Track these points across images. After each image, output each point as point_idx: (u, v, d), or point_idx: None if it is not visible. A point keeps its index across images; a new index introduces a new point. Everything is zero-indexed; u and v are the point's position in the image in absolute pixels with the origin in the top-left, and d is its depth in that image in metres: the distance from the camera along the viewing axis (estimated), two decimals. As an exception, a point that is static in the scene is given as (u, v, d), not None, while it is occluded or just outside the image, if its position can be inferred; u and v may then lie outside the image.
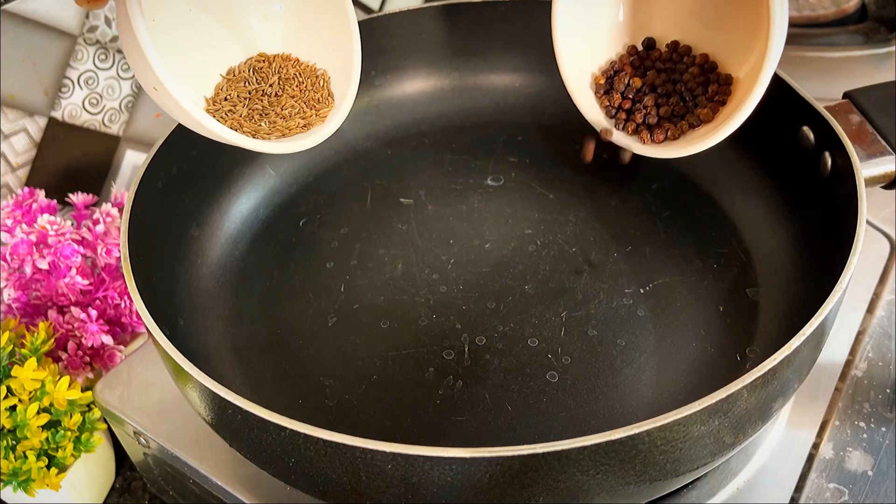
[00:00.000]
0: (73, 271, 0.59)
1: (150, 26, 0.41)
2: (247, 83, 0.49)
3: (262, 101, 0.48)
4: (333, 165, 0.66)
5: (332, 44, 0.50)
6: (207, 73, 0.50)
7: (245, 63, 0.50)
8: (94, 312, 0.58)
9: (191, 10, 0.48)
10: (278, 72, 0.49)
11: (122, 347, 0.60)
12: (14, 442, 0.53)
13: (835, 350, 0.57)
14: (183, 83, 0.43)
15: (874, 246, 0.63)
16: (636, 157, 0.65)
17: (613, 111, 0.56)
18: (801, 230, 0.56)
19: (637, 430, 0.37)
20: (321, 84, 0.50)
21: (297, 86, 0.49)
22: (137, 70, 0.42)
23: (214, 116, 0.47)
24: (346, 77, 0.50)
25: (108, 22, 0.68)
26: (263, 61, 0.50)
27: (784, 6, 0.46)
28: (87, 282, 0.59)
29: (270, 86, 0.49)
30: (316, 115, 0.49)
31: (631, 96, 0.56)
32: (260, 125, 0.48)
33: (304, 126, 0.49)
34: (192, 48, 0.49)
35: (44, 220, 0.60)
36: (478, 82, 0.70)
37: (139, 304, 0.45)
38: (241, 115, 0.48)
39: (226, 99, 0.49)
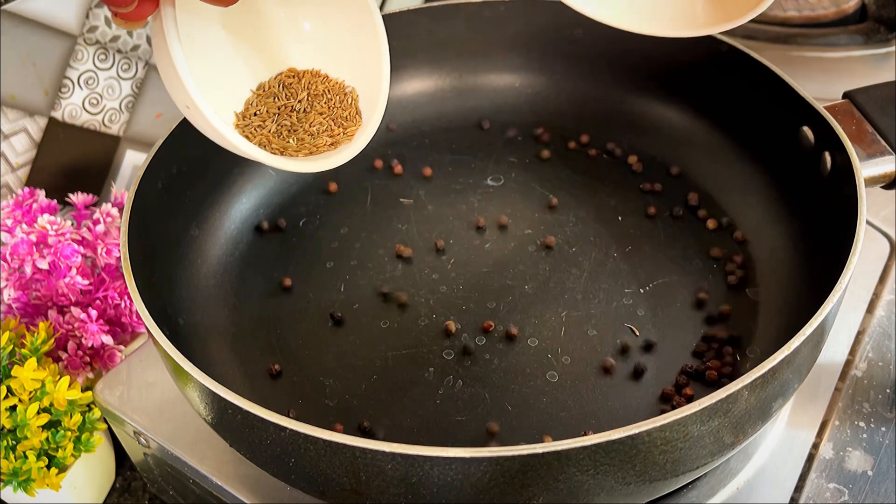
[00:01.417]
0: (73, 271, 0.59)
1: (185, 44, 0.41)
2: (276, 98, 0.49)
3: (290, 116, 0.49)
4: (333, 165, 0.66)
5: (362, 62, 0.50)
6: (238, 88, 0.50)
7: (275, 78, 0.50)
8: (94, 312, 0.58)
9: (223, 28, 0.49)
10: (307, 87, 0.50)
11: (122, 347, 0.60)
12: (14, 442, 0.53)
13: (835, 350, 0.57)
14: (214, 100, 0.43)
15: (874, 246, 0.63)
16: (639, 159, 0.65)
17: None
18: (801, 230, 0.56)
19: (637, 430, 0.37)
20: (349, 102, 0.50)
21: (325, 102, 0.49)
22: (170, 88, 0.43)
23: (244, 132, 0.48)
24: (374, 96, 0.50)
25: (108, 22, 0.68)
26: (293, 77, 0.50)
27: None
28: (87, 282, 0.59)
29: (299, 101, 0.49)
30: (343, 134, 0.49)
31: None
32: (288, 142, 0.48)
33: (332, 144, 0.49)
34: (224, 64, 0.49)
35: (44, 220, 0.60)
36: (478, 82, 0.70)
37: (139, 304, 0.45)
38: (269, 131, 0.48)
39: (255, 114, 0.49)
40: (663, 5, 0.55)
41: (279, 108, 0.49)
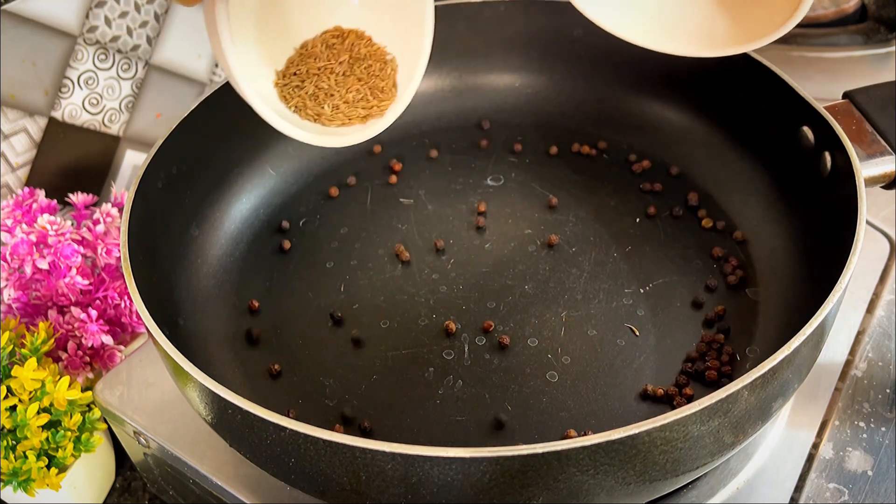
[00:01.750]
0: (73, 271, 0.59)
1: (234, 16, 0.42)
2: (317, 59, 0.49)
3: (329, 79, 0.48)
4: (333, 165, 0.66)
5: (405, 33, 0.50)
6: (282, 45, 0.50)
7: (320, 37, 0.50)
8: (94, 312, 0.58)
9: None
10: (350, 49, 0.49)
11: (122, 347, 0.60)
12: (14, 442, 0.53)
13: (835, 350, 0.57)
14: (257, 57, 0.45)
15: (874, 246, 0.63)
16: (639, 159, 0.66)
17: None
18: (801, 230, 0.56)
19: (637, 430, 0.37)
20: (388, 72, 0.49)
21: (365, 68, 0.49)
22: (220, 62, 0.44)
23: (282, 92, 0.48)
24: (410, 70, 0.50)
25: (108, 22, 0.68)
26: (338, 36, 0.50)
27: None
28: (87, 282, 0.59)
29: (340, 63, 0.49)
30: (377, 107, 0.49)
31: None
32: (323, 108, 0.48)
33: (364, 117, 0.49)
34: (270, 22, 0.49)
35: (44, 220, 0.60)
36: (478, 82, 0.70)
37: (139, 304, 0.45)
38: (307, 93, 0.48)
39: (295, 74, 0.49)
40: (684, 23, 0.54)
41: (319, 69, 0.49)
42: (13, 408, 0.53)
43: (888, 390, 0.55)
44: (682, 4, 0.55)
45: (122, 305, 0.60)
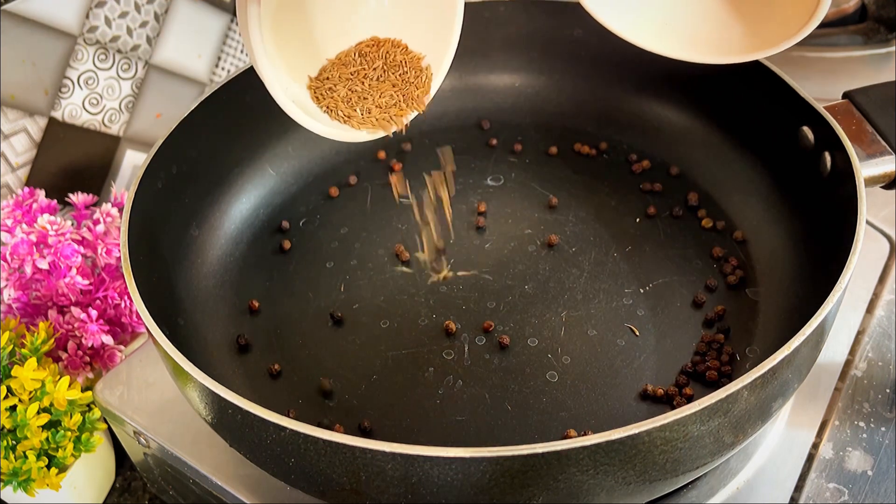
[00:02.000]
0: (73, 271, 0.59)
1: (266, 19, 0.43)
2: (349, 66, 0.49)
3: (363, 83, 0.48)
4: (334, 165, 0.66)
5: (430, 39, 0.50)
6: (317, 57, 0.50)
7: (354, 47, 0.50)
8: (94, 312, 0.58)
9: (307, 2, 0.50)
10: (384, 56, 0.49)
11: (122, 347, 0.60)
12: (14, 442, 0.53)
13: (835, 350, 0.57)
14: (291, 63, 0.46)
15: (874, 246, 0.63)
16: (639, 159, 0.66)
17: None
18: (801, 230, 0.56)
19: (637, 430, 0.37)
20: (423, 80, 0.49)
21: (400, 74, 0.49)
22: (250, 57, 0.45)
23: (315, 94, 0.48)
24: (434, 73, 0.50)
25: (108, 22, 0.68)
26: (373, 45, 0.50)
27: None
28: (87, 282, 0.59)
29: (374, 70, 0.49)
30: (409, 115, 0.49)
31: None
32: (354, 111, 0.47)
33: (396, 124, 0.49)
34: (306, 33, 0.49)
35: (44, 220, 0.60)
36: (478, 82, 0.70)
37: (139, 304, 0.45)
38: (339, 96, 0.48)
39: (327, 78, 0.49)
40: (696, 29, 0.54)
41: (352, 74, 0.49)
42: (13, 408, 0.53)
43: (888, 390, 0.55)
44: (695, 10, 0.54)
45: (122, 305, 0.60)
